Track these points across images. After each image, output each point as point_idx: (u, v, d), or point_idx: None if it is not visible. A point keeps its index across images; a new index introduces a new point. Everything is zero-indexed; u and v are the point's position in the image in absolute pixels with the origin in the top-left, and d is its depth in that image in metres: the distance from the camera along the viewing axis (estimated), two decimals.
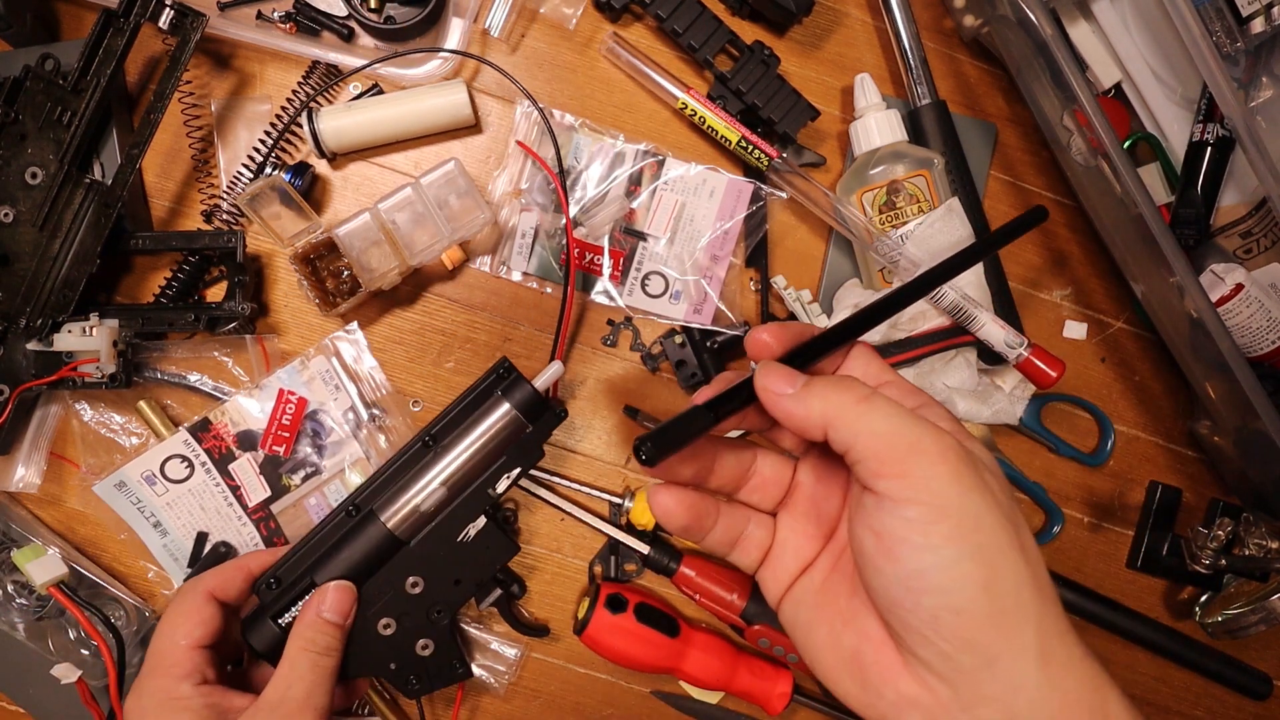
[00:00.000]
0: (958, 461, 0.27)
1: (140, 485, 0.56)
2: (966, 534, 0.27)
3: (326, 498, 0.58)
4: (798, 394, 0.29)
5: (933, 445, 0.27)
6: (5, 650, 0.57)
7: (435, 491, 0.49)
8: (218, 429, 0.57)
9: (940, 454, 0.27)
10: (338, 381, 0.57)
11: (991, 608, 0.27)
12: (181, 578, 0.57)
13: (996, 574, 0.27)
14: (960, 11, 0.62)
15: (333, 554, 0.49)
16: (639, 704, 0.63)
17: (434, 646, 0.51)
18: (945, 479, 0.27)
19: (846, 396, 0.29)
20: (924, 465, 0.27)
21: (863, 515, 0.29)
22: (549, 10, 0.61)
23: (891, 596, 0.28)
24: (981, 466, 0.28)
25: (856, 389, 0.29)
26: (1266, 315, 0.58)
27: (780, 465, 0.36)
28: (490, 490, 0.50)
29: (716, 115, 0.60)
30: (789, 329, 0.33)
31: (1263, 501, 0.61)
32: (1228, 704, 0.67)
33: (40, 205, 0.53)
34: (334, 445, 0.58)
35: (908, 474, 0.27)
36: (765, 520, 0.36)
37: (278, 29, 0.59)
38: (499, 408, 0.50)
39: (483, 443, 0.50)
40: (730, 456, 0.34)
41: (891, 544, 0.27)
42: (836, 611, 0.32)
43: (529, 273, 0.61)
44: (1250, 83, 0.58)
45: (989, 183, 0.65)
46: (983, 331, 0.58)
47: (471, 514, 0.51)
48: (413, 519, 0.50)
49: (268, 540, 0.57)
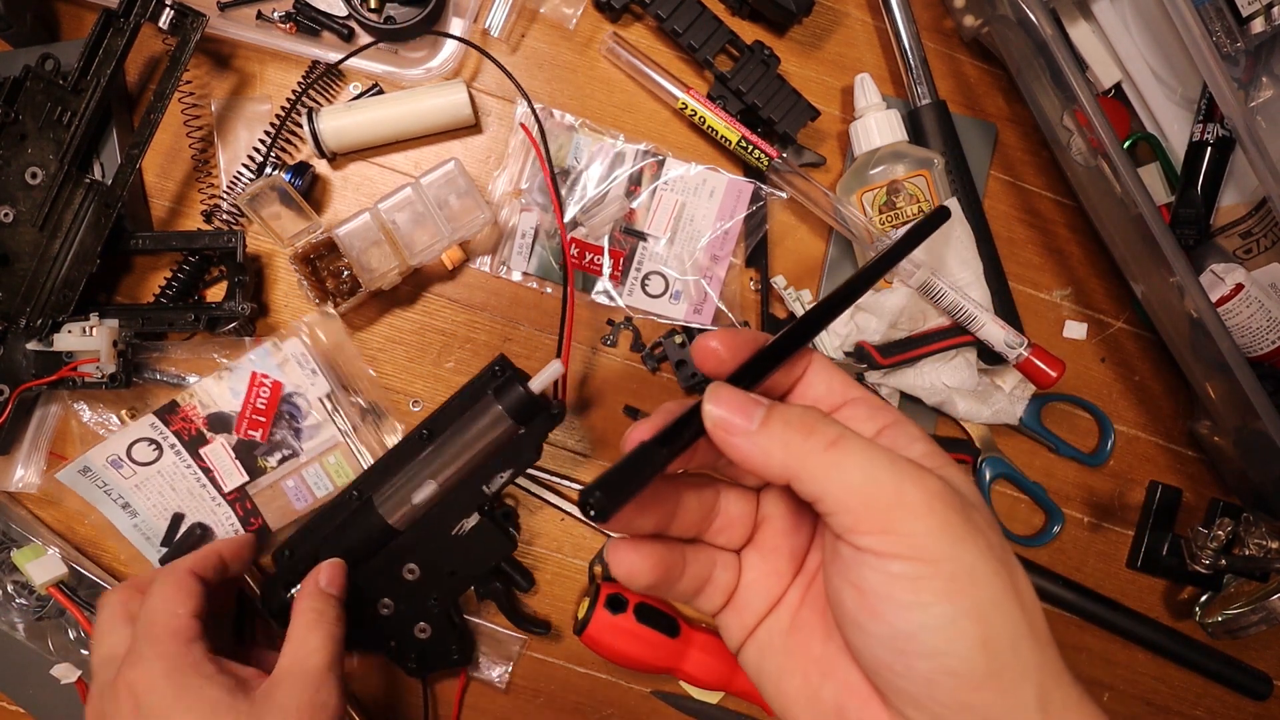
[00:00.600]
0: (945, 510, 0.25)
1: (106, 469, 0.56)
2: (960, 590, 0.24)
3: (305, 481, 0.57)
4: (754, 435, 0.26)
5: (916, 495, 0.24)
6: (5, 650, 0.57)
7: (427, 487, 0.51)
8: (186, 411, 0.56)
9: (926, 505, 0.24)
10: (313, 365, 0.56)
11: (989, 667, 0.24)
12: (155, 556, 0.57)
13: (993, 629, 0.24)
14: (960, 11, 0.62)
15: (334, 535, 0.52)
16: (639, 704, 0.63)
17: (431, 631, 0.54)
18: (934, 533, 0.24)
19: (812, 443, 0.25)
20: (908, 520, 0.24)
21: (840, 567, 0.26)
22: (549, 10, 0.61)
23: (878, 657, 0.25)
24: (970, 508, 0.26)
25: (822, 431, 0.26)
26: (1266, 315, 0.58)
27: (745, 500, 0.32)
28: (483, 488, 0.51)
29: (716, 115, 0.60)
30: (741, 336, 0.29)
31: (1263, 501, 0.61)
32: (1228, 704, 0.67)
33: (40, 205, 0.53)
34: (311, 429, 0.57)
35: (891, 529, 0.24)
36: (730, 560, 0.32)
37: (278, 29, 0.59)
38: (491, 409, 0.50)
39: (474, 442, 0.50)
40: (693, 498, 0.30)
41: (876, 602, 0.25)
42: (811, 659, 0.29)
43: (529, 273, 0.61)
44: (1250, 83, 0.58)
45: (989, 183, 0.65)
46: (983, 331, 0.58)
47: (464, 510, 0.52)
48: (406, 510, 0.51)
49: (244, 521, 0.57)
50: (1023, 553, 0.65)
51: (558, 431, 0.62)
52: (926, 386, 0.61)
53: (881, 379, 0.61)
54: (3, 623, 0.57)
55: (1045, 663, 0.25)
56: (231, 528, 0.57)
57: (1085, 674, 0.66)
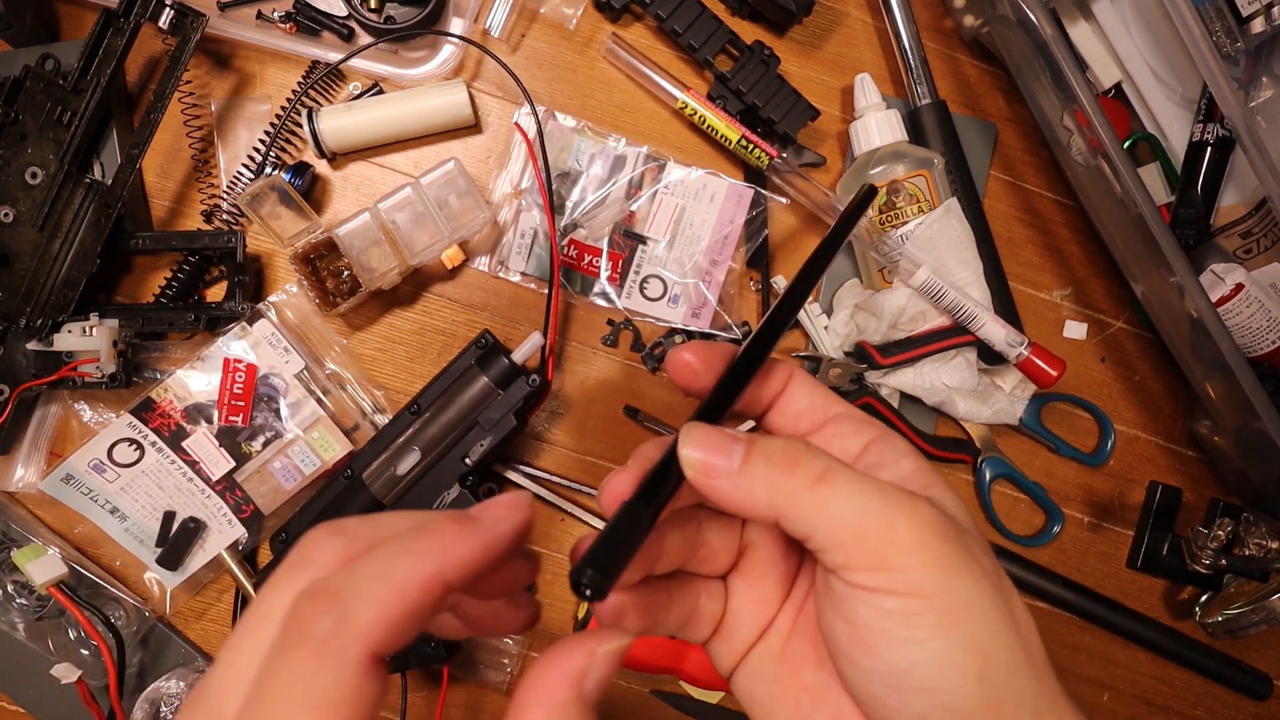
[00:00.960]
0: (939, 542, 0.24)
1: (89, 475, 0.55)
2: (955, 623, 0.23)
3: (293, 460, 0.57)
4: (735, 477, 0.25)
5: (908, 528, 0.24)
6: (5, 650, 0.57)
7: (410, 457, 0.52)
8: (163, 406, 0.56)
9: (918, 538, 0.24)
10: (285, 344, 0.56)
11: (985, 700, 0.24)
12: (151, 559, 0.56)
13: (990, 661, 0.24)
14: (960, 11, 0.62)
15: (325, 516, 0.53)
16: (639, 704, 0.63)
17: None
18: (927, 566, 0.23)
19: (796, 479, 0.24)
20: (900, 555, 0.23)
21: (832, 601, 0.25)
22: (549, 10, 0.61)
23: (871, 693, 0.25)
24: (962, 534, 0.25)
25: (806, 466, 0.24)
26: (1266, 315, 0.58)
27: (728, 527, 0.30)
28: (465, 459, 0.52)
29: (716, 114, 0.60)
30: (715, 349, 0.28)
31: (1263, 501, 0.61)
32: (1228, 704, 0.67)
33: (40, 205, 0.53)
34: (292, 407, 0.57)
35: (883, 565, 0.23)
36: (716, 589, 0.30)
37: (278, 29, 0.59)
38: (474, 377, 0.53)
39: (455, 407, 0.52)
40: (675, 536, 0.28)
41: (868, 636, 0.24)
42: (801, 686, 0.28)
43: (528, 273, 0.61)
44: (1250, 83, 0.58)
45: (989, 183, 0.65)
46: (983, 331, 0.58)
47: (446, 481, 0.53)
48: (391, 484, 0.52)
49: (236, 509, 0.57)
50: (1023, 553, 0.65)
51: (558, 432, 0.62)
52: (926, 386, 0.61)
53: (881, 379, 0.61)
54: (3, 623, 0.57)
55: (1042, 692, 0.25)
56: (224, 518, 0.57)
57: (1085, 674, 0.66)
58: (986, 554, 0.25)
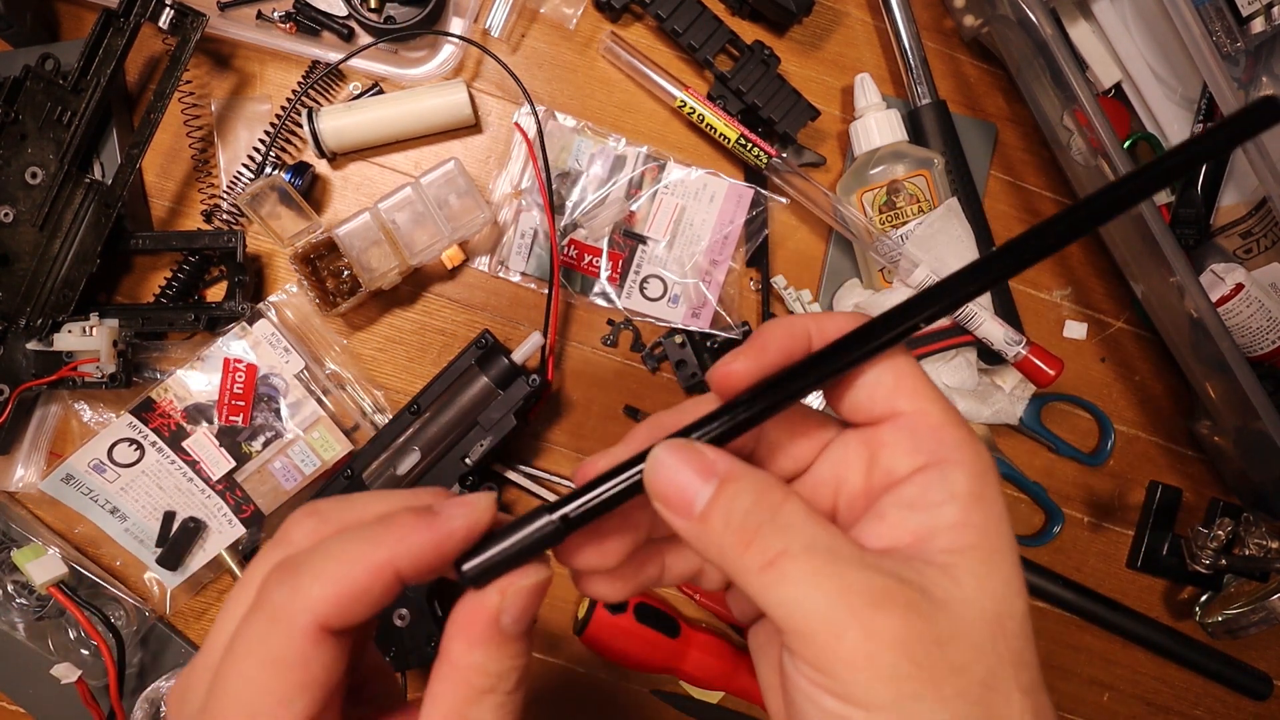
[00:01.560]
0: (899, 662, 0.20)
1: (89, 475, 0.55)
2: None
3: (293, 460, 0.57)
4: (695, 524, 0.22)
5: (857, 644, 0.20)
6: (5, 650, 0.57)
7: (410, 457, 0.52)
8: (163, 406, 0.56)
9: (867, 658, 0.20)
10: (285, 344, 0.56)
11: None
12: (151, 559, 0.56)
13: None
14: (960, 11, 0.62)
15: None
16: (639, 704, 0.63)
17: (410, 619, 0.53)
18: (875, 686, 0.20)
19: (747, 560, 0.22)
20: (845, 669, 0.20)
21: (777, 652, 0.23)
22: (549, 10, 0.61)
23: None
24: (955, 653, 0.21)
25: (760, 547, 0.22)
26: (1266, 315, 0.58)
27: None
28: (464, 460, 0.52)
29: (714, 113, 0.60)
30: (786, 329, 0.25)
31: (1263, 501, 0.61)
32: (1228, 704, 0.67)
33: (40, 205, 0.53)
34: (292, 407, 0.57)
35: (825, 671, 0.21)
36: None
37: (278, 29, 0.59)
38: (473, 376, 0.53)
39: (455, 408, 0.52)
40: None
41: (801, 713, 0.22)
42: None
43: (528, 273, 0.61)
44: (1250, 83, 0.58)
45: (989, 183, 0.65)
46: (982, 329, 0.58)
47: (446, 481, 0.53)
48: (391, 484, 0.52)
49: (236, 509, 0.57)
50: (1023, 553, 0.65)
51: (558, 432, 0.62)
52: None
53: None
54: (3, 623, 0.57)
55: None
56: (224, 518, 0.57)
57: (1085, 674, 0.66)
58: (982, 665, 0.21)
